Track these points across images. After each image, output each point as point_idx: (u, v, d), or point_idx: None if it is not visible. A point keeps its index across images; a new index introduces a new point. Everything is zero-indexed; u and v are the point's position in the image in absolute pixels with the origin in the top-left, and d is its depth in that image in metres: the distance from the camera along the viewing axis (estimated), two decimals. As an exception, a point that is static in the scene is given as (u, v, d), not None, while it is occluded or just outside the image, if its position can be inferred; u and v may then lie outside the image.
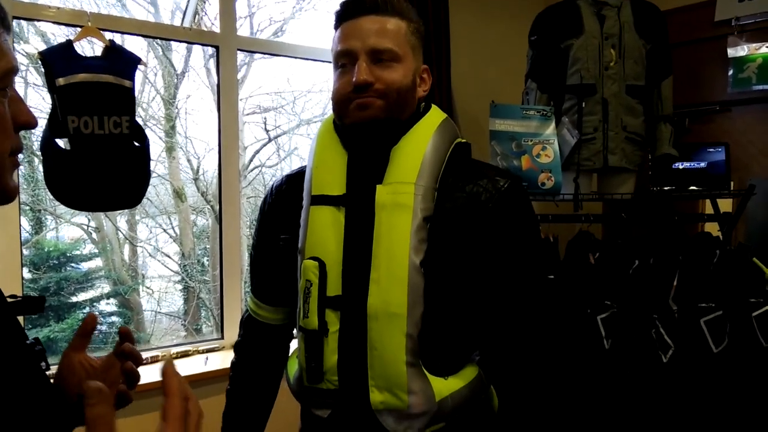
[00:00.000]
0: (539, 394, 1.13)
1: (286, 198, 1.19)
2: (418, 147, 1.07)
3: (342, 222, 1.07)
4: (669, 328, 1.96)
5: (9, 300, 0.67)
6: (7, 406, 0.56)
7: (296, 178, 1.20)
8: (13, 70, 0.63)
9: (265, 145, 4.52)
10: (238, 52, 2.49)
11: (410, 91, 1.09)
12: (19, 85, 3.34)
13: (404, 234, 1.02)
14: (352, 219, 1.07)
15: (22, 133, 0.67)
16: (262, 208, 1.25)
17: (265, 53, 2.97)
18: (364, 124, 1.05)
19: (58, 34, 3.19)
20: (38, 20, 2.11)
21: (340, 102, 1.08)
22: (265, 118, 4.49)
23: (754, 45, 2.45)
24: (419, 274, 1.02)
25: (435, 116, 1.13)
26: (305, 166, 1.17)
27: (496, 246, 1.08)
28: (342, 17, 1.09)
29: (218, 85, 2.46)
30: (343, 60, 1.07)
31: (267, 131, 4.49)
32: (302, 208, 1.11)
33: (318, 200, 1.08)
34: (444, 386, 1.06)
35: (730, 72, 2.51)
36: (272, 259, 1.21)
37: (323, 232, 1.07)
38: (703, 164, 2.36)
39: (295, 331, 1.24)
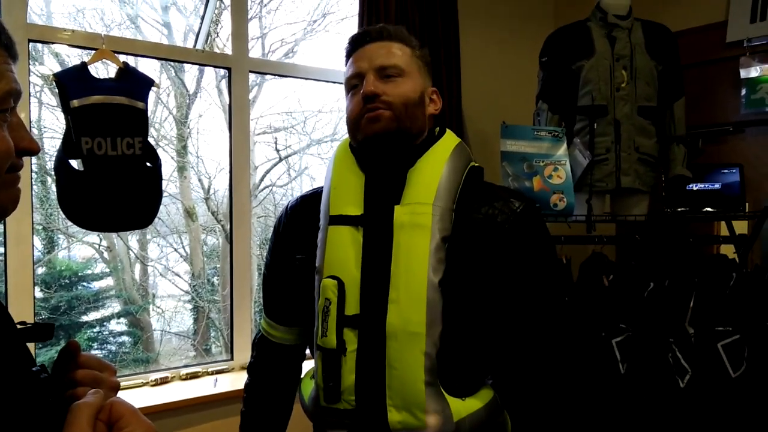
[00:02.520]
0: (554, 419, 1.12)
1: (301, 218, 1.21)
2: (435, 169, 1.09)
3: (360, 241, 1.08)
4: (686, 352, 1.93)
5: (18, 327, 0.66)
6: None
7: (311, 199, 1.21)
8: (12, 92, 0.62)
9: (275, 164, 4.54)
10: (250, 73, 2.50)
11: (418, 105, 1.12)
12: (33, 106, 3.39)
13: (423, 254, 1.03)
14: (371, 239, 1.08)
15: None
16: (276, 229, 1.26)
17: (276, 74, 2.99)
18: (377, 137, 1.08)
19: (73, 56, 3.24)
20: (53, 43, 2.13)
21: (353, 119, 1.11)
22: (275, 138, 4.52)
23: (766, 65, 2.44)
24: (438, 293, 1.02)
25: (450, 140, 1.15)
26: (320, 188, 1.19)
27: (512, 267, 1.09)
28: (351, 48, 1.15)
29: (230, 106, 2.48)
30: (354, 81, 1.12)
31: (278, 151, 4.52)
32: (318, 228, 1.13)
33: (336, 220, 1.10)
34: (462, 407, 1.06)
35: (743, 93, 2.50)
36: (286, 278, 1.22)
37: (342, 251, 1.08)
38: (717, 185, 2.33)
39: (308, 352, 1.24)
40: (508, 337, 1.12)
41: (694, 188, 2.36)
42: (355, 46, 1.14)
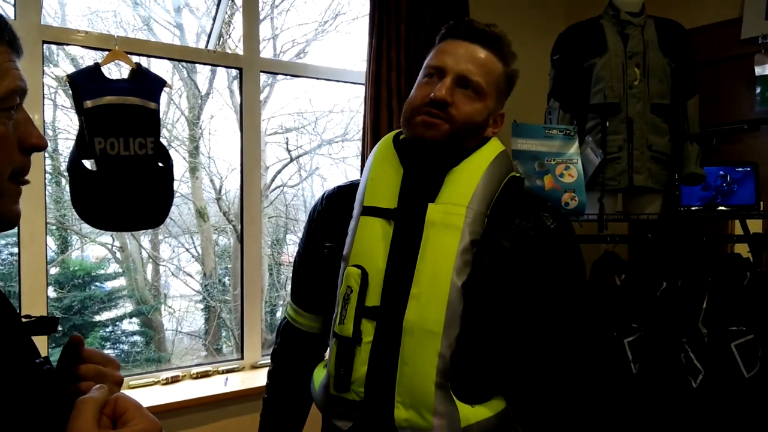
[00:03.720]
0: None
1: (336, 207, 1.21)
2: (474, 173, 1.08)
3: (390, 235, 1.08)
4: (699, 352, 1.91)
5: (24, 320, 0.67)
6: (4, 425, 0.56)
7: (348, 189, 1.22)
8: (18, 90, 0.62)
9: (286, 165, 4.55)
10: (261, 73, 2.51)
11: (479, 129, 1.11)
12: (47, 107, 3.42)
13: (450, 254, 1.02)
14: (401, 233, 1.08)
15: (38, 154, 0.67)
16: (311, 216, 1.27)
17: (287, 74, 3.00)
18: (426, 143, 1.07)
19: (87, 57, 3.26)
20: (67, 44, 2.15)
21: (411, 109, 1.10)
22: (287, 138, 4.53)
23: (781, 63, 2.41)
24: (459, 295, 1.02)
25: (494, 147, 1.15)
26: (358, 180, 1.20)
27: (539, 284, 1.08)
28: (448, 34, 1.12)
29: (241, 106, 2.49)
30: (432, 72, 1.10)
31: (289, 151, 4.53)
32: (351, 218, 1.13)
33: (369, 211, 1.10)
34: (471, 413, 1.04)
35: (758, 90, 2.47)
36: (316, 266, 1.22)
37: (370, 242, 1.08)
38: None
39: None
40: (526, 351, 1.11)
41: (708, 187, 2.34)
42: (453, 34, 1.12)
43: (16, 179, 0.65)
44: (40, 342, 1.85)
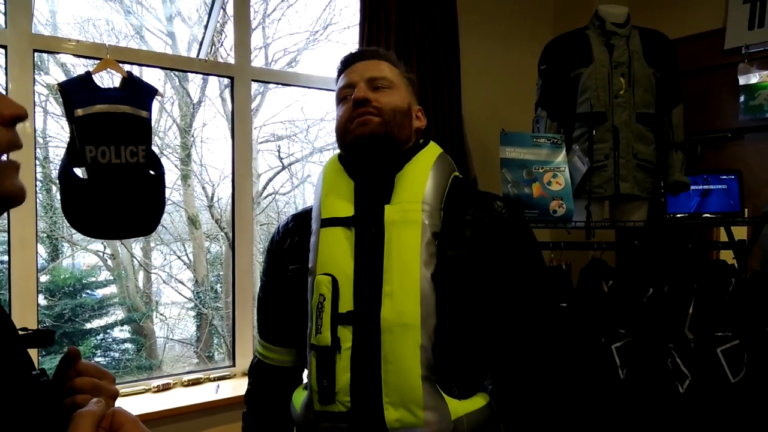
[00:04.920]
0: (549, 426, 1.12)
1: (294, 234, 1.23)
2: (422, 173, 1.13)
3: (352, 241, 1.10)
4: (685, 357, 1.93)
5: (20, 333, 0.67)
6: None
7: (302, 215, 1.25)
8: None
9: (278, 172, 4.57)
10: (253, 82, 2.53)
11: (406, 115, 1.17)
12: (38, 115, 3.43)
13: (415, 247, 1.05)
14: (362, 237, 1.10)
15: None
16: (270, 248, 1.28)
17: (279, 83, 3.01)
18: (365, 139, 1.12)
19: (78, 66, 3.27)
20: (58, 53, 2.17)
21: (342, 125, 1.16)
22: (278, 146, 4.55)
23: (765, 72, 2.46)
24: (431, 286, 1.04)
25: (434, 149, 1.20)
26: (311, 206, 1.22)
27: (500, 269, 1.11)
28: (344, 66, 1.21)
29: (233, 114, 2.50)
30: (346, 92, 1.17)
31: (281, 159, 4.55)
32: (311, 236, 1.15)
33: (328, 222, 1.12)
34: (459, 406, 1.06)
35: (742, 99, 2.51)
36: (281, 294, 1.22)
37: (334, 250, 1.10)
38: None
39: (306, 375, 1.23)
40: (500, 337, 1.13)
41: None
42: (347, 64, 1.20)
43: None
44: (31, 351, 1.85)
